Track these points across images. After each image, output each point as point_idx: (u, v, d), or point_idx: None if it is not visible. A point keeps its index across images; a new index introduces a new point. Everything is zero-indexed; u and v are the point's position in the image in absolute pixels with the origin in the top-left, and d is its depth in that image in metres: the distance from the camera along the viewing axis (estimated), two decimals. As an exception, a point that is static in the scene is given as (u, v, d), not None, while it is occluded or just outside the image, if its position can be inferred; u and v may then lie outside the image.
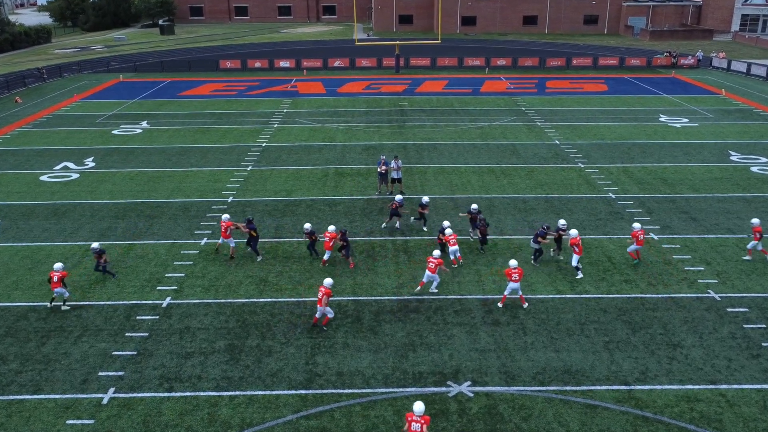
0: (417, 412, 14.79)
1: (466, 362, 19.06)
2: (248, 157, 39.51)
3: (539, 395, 17.58)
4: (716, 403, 17.26)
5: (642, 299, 22.59)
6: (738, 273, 24.37)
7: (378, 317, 21.51)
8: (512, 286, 21.51)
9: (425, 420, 14.72)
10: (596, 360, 19.11)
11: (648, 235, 27.84)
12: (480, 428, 16.29)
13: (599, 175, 35.59)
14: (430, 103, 54.53)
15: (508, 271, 21.52)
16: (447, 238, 25.02)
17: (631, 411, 16.95)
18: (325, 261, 24.90)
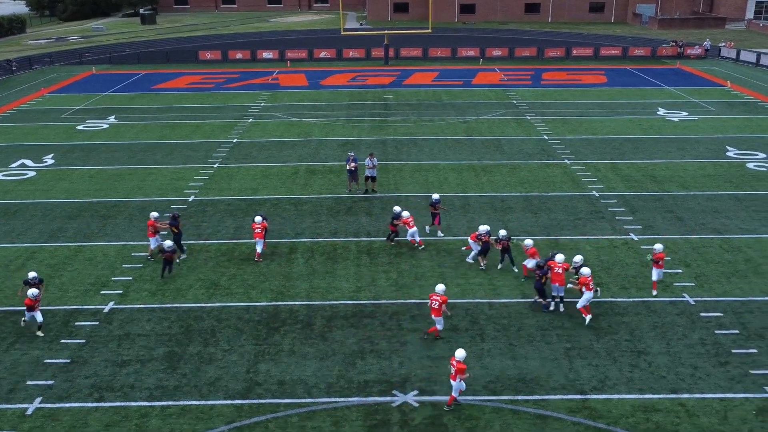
0: (439, 291, 19.87)
1: (416, 370, 19.11)
2: (217, 153, 39.61)
3: (488, 405, 17.62)
4: (675, 413, 17.28)
5: (612, 304, 22.62)
6: (718, 276, 24.38)
7: (330, 323, 21.58)
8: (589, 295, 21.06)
9: (443, 299, 19.59)
10: (554, 368, 19.15)
11: (628, 236, 27.79)
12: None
13: (585, 172, 35.60)
14: (417, 96, 54.58)
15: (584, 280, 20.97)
16: (405, 221, 25.92)
17: (584, 422, 16.98)
18: (259, 254, 25.48)
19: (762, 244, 26.97)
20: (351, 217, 29.89)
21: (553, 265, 21.90)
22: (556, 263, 21.90)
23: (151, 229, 25.37)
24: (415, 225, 26.10)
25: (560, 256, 22.03)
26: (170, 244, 24.02)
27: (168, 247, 23.91)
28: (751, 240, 27.29)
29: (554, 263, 21.92)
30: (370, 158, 32.17)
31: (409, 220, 25.91)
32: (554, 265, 21.88)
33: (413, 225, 25.93)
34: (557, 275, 21.76)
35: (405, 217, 25.97)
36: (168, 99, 55.00)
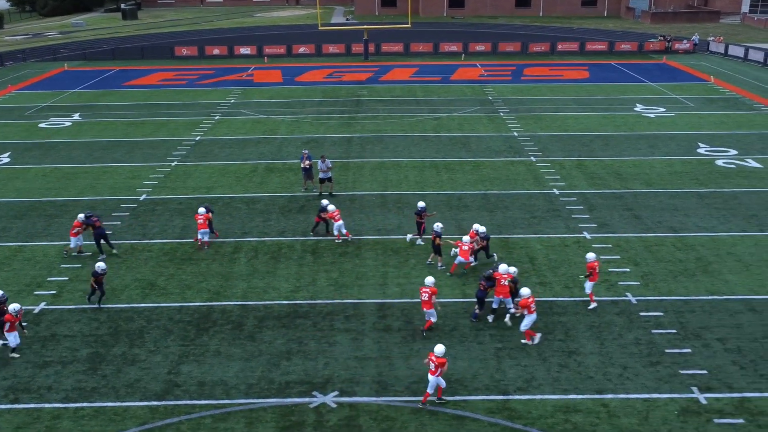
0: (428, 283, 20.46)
1: (340, 371, 19.28)
2: (177, 151, 39.80)
3: (407, 406, 17.78)
4: (595, 413, 17.43)
5: (552, 303, 22.78)
6: (665, 275, 24.55)
7: (262, 323, 21.76)
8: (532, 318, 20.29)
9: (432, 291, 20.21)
10: (481, 368, 19.32)
11: (581, 234, 27.95)
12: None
13: (549, 170, 35.77)
14: (392, 93, 54.77)
15: (525, 302, 20.10)
16: (331, 215, 26.53)
17: (501, 422, 17.14)
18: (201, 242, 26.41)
19: (716, 242, 27.12)
20: (302, 216, 30.07)
21: (498, 276, 21.32)
22: (500, 275, 21.32)
23: (76, 230, 25.61)
24: (341, 219, 26.89)
25: (504, 267, 21.53)
26: (103, 267, 22.52)
27: (101, 269, 22.41)
28: (706, 238, 27.45)
29: (499, 275, 21.34)
30: (322, 161, 32.05)
31: (335, 213, 26.83)
32: (499, 277, 21.31)
33: (339, 219, 26.82)
34: (502, 287, 21.22)
35: (330, 210, 26.72)
36: (137, 96, 55.23)
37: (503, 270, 21.39)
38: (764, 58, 64.62)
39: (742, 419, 17.20)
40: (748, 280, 24.02)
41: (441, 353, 17.36)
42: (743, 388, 18.35)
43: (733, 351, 20.04)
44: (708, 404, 17.79)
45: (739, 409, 17.58)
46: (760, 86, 55.86)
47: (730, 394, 18.15)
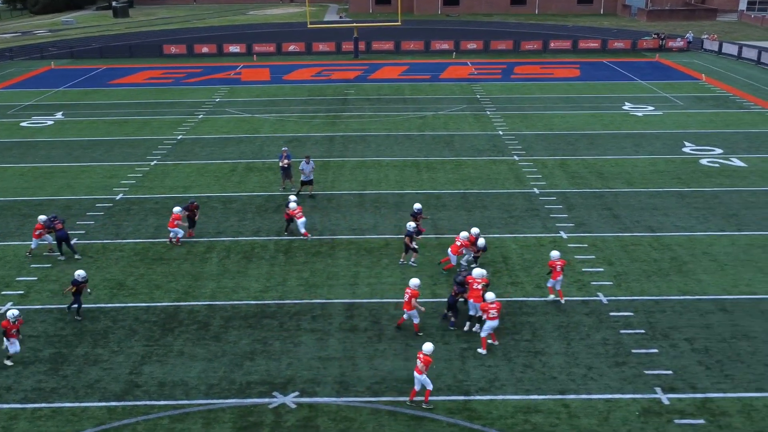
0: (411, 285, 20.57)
1: (302, 371, 19.36)
2: (157, 150, 39.89)
3: (367, 406, 17.86)
4: (556, 414, 17.51)
5: (523, 303, 22.87)
6: (638, 274, 24.64)
7: (228, 323, 21.85)
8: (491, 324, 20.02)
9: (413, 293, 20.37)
10: (445, 369, 19.39)
11: (557, 234, 28.02)
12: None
13: (531, 169, 35.85)
14: (379, 91, 54.86)
15: (484, 306, 19.93)
16: (292, 212, 27.14)
17: (460, 423, 17.22)
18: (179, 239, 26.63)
19: (693, 242, 27.19)
20: (278, 216, 30.14)
21: (471, 280, 20.99)
22: (473, 278, 21.01)
23: (38, 231, 25.71)
24: (303, 216, 27.33)
25: (478, 271, 21.22)
26: (83, 275, 22.02)
27: (81, 278, 21.98)
28: (683, 238, 27.53)
29: (472, 278, 21.01)
30: (306, 163, 31.67)
31: (296, 211, 27.01)
32: (471, 281, 21.01)
33: (301, 216, 27.09)
34: (474, 291, 20.79)
35: (291, 208, 26.87)
36: (123, 95, 55.34)
37: (477, 274, 21.03)
38: (758, 56, 64.63)
39: (702, 419, 17.28)
40: (722, 280, 24.10)
41: (429, 351, 17.47)
42: (707, 389, 18.42)
43: (700, 351, 20.11)
44: (670, 404, 17.86)
45: (701, 409, 17.65)
46: (752, 84, 55.93)
47: (694, 394, 18.23)
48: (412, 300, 20.45)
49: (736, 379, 18.83)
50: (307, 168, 31.65)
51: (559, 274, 22.25)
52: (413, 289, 20.55)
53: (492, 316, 19.73)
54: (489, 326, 19.82)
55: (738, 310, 22.32)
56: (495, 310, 19.62)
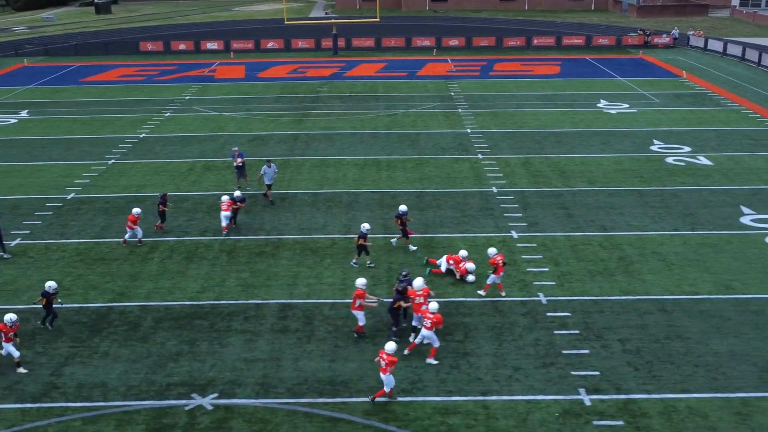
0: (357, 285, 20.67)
1: (225, 373, 19.49)
2: (117, 149, 40.03)
3: (284, 408, 18.00)
4: (474, 415, 17.65)
5: (460, 304, 23.00)
6: (583, 274, 24.79)
7: (158, 324, 21.99)
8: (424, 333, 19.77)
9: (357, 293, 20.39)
10: (370, 369, 19.53)
11: (508, 233, 28.15)
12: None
13: (493, 167, 35.99)
14: (353, 89, 55.01)
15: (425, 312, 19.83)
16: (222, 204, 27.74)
17: (375, 424, 17.35)
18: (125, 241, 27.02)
19: (643, 241, 27.34)
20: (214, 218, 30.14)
21: (413, 294, 20.53)
22: (415, 292, 20.53)
23: None
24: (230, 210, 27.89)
25: (418, 282, 20.79)
26: (54, 286, 21.57)
27: (52, 289, 21.51)
28: (634, 237, 27.68)
29: (413, 292, 20.53)
30: (268, 167, 31.41)
31: (222, 205, 27.69)
32: (414, 295, 20.53)
33: (227, 209, 27.79)
34: (418, 305, 20.42)
35: (222, 200, 27.83)
36: (92, 92, 55.49)
37: (417, 286, 20.61)
38: (742, 53, 64.70)
39: (622, 421, 17.41)
40: (666, 280, 24.24)
41: (392, 351, 17.66)
42: (631, 390, 18.55)
43: (631, 352, 20.25)
44: (592, 406, 17.99)
45: (622, 410, 17.79)
46: (733, 81, 56.07)
47: (617, 395, 18.36)
48: (356, 300, 20.58)
49: (662, 380, 18.96)
50: (270, 171, 31.50)
51: (502, 269, 22.40)
52: (359, 290, 20.46)
53: (428, 327, 19.58)
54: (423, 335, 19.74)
55: (677, 310, 22.44)
56: (430, 321, 19.49)
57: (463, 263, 24.09)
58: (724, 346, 20.51)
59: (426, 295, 20.60)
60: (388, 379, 17.74)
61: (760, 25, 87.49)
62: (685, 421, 17.40)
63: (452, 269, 24.38)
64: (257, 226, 28.95)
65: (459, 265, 24.20)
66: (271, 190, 31.71)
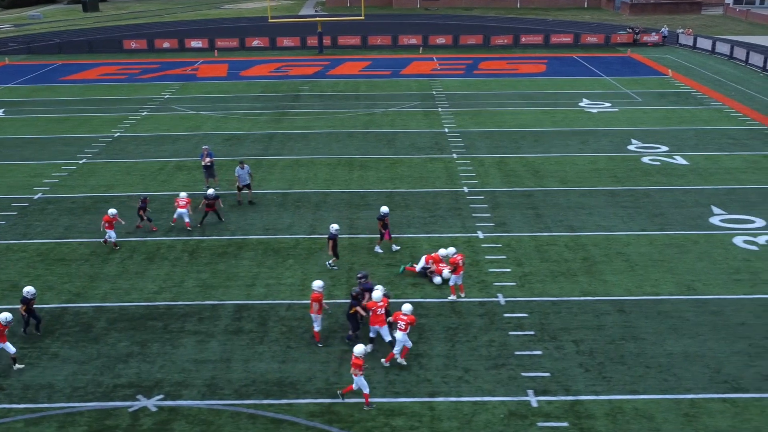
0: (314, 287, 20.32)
1: (174, 374, 19.59)
2: (90, 148, 40.14)
3: (229, 409, 18.09)
4: (418, 417, 17.75)
5: (418, 305, 23.08)
6: (545, 275, 24.90)
7: (112, 325, 22.09)
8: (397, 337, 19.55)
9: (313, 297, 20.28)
10: (320, 371, 19.64)
11: (474, 234, 28.27)
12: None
13: (467, 167, 36.10)
14: (335, 88, 55.13)
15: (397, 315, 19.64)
16: (177, 200, 28.29)
17: (318, 426, 17.46)
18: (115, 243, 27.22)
19: (610, 241, 27.45)
20: (195, 215, 30.30)
21: (373, 306, 20.03)
22: (376, 304, 20.05)
23: None
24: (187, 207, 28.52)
25: (378, 293, 20.29)
26: (32, 291, 21.37)
27: (31, 294, 21.27)
28: (601, 238, 27.78)
29: (374, 304, 20.05)
30: (241, 168, 31.23)
31: (180, 200, 28.31)
32: (374, 307, 20.02)
33: (183, 206, 28.30)
34: (378, 317, 20.02)
35: (181, 196, 28.69)
36: (72, 91, 55.59)
37: (376, 297, 20.10)
38: (730, 51, 64.83)
39: (566, 422, 17.51)
40: (628, 281, 24.35)
41: (360, 353, 17.73)
42: (580, 391, 18.66)
43: (584, 353, 20.36)
44: (538, 407, 18.10)
45: (568, 412, 17.89)
46: (719, 80, 56.19)
47: (565, 396, 18.47)
48: (314, 303, 20.59)
49: (612, 382, 19.07)
50: (243, 173, 31.12)
51: (462, 269, 22.52)
52: (316, 292, 20.59)
53: (401, 327, 19.54)
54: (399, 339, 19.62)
55: (636, 311, 22.55)
56: (404, 323, 19.47)
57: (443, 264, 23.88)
58: (679, 347, 20.59)
59: (385, 306, 20.17)
60: (358, 381, 17.76)
61: (753, 23, 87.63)
62: (631, 422, 17.49)
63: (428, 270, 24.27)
64: (222, 226, 29.02)
65: (439, 265, 24.16)
66: (251, 190, 31.79)
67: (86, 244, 27.85)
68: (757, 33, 79.99)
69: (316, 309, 20.49)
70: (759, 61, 59.82)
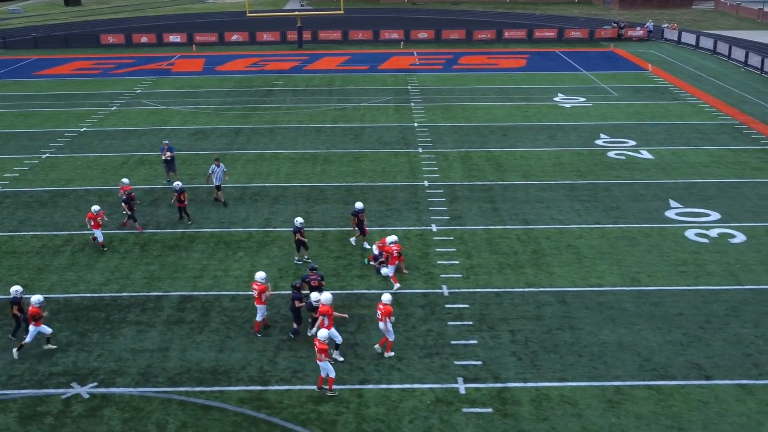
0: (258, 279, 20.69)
1: (110, 363, 20.29)
2: (55, 143, 40.78)
3: (160, 396, 18.79)
4: (346, 404, 18.46)
5: (360, 296, 23.81)
6: (493, 267, 25.61)
7: (54, 316, 22.80)
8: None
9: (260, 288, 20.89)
10: (254, 360, 20.34)
11: (428, 227, 28.96)
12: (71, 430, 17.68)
13: (431, 161, 36.80)
14: (309, 83, 55.82)
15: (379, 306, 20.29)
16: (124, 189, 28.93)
17: (246, 412, 18.17)
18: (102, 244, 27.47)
19: (562, 234, 28.18)
20: (151, 209, 31.05)
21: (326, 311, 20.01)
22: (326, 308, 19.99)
23: None
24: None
25: (326, 296, 20.46)
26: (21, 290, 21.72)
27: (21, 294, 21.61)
28: (553, 231, 28.50)
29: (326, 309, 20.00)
30: (217, 165, 31.22)
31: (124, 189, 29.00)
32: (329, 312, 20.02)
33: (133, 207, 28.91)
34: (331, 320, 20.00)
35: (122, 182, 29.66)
36: (43, 86, 56.22)
37: (325, 299, 20.27)
38: (713, 46, 65.57)
39: (491, 408, 18.19)
40: (573, 273, 25.07)
41: (323, 338, 18.41)
42: (509, 379, 19.39)
43: (519, 342, 21.07)
44: (466, 394, 18.82)
45: (494, 398, 18.62)
46: (699, 75, 56.96)
47: (494, 384, 19.20)
48: (261, 294, 21.42)
49: (543, 369, 19.79)
50: (218, 170, 31.05)
51: (396, 259, 23.23)
52: (260, 284, 21.37)
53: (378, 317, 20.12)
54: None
55: (577, 302, 23.27)
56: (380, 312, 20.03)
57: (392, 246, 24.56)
58: (614, 336, 21.31)
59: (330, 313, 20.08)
60: (324, 366, 18.47)
61: (742, 17, 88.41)
62: (555, 408, 18.21)
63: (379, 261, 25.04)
64: (176, 218, 29.67)
65: (385, 247, 24.87)
66: (221, 192, 31.57)
67: (39, 237, 28.53)
68: (745, 27, 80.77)
69: (264, 300, 21.42)
70: (741, 56, 60.51)
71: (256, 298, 21.52)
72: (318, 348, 18.41)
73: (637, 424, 17.56)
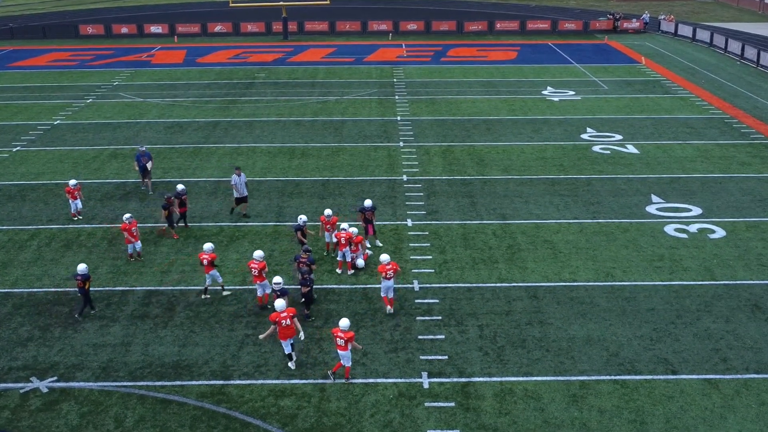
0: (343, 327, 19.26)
1: (71, 357, 20.80)
2: (26, 136, 41.25)
3: (119, 391, 19.32)
4: (308, 398, 19.00)
5: (330, 290, 24.31)
6: (466, 262, 26.16)
7: (17, 310, 23.40)
8: (387, 284, 22.63)
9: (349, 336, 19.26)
10: (217, 354, 20.87)
11: (403, 222, 29.50)
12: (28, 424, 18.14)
13: (411, 156, 37.33)
14: (292, 75, 56.30)
15: (382, 268, 22.50)
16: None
17: (206, 406, 18.70)
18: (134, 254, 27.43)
19: (539, 229, 28.73)
20: (121, 203, 31.56)
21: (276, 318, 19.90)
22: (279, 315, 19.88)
23: None
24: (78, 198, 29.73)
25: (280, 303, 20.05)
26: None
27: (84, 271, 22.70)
28: (530, 226, 29.07)
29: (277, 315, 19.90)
30: (238, 175, 29.87)
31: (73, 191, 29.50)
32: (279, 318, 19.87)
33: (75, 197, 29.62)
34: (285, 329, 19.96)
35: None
36: (16, 78, 56.64)
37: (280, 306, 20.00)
38: (710, 39, 66.18)
39: (453, 402, 18.74)
40: (547, 268, 25.63)
41: (346, 327, 19.06)
42: (474, 373, 19.94)
43: (486, 338, 21.62)
44: (429, 389, 19.36)
45: (458, 393, 19.16)
46: (692, 68, 57.57)
47: (458, 378, 19.75)
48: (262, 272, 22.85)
49: (508, 364, 20.34)
50: (240, 181, 29.80)
51: (345, 246, 24.20)
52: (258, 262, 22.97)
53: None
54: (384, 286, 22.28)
55: (548, 297, 23.83)
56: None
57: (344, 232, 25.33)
58: (583, 331, 21.87)
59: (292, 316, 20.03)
60: (346, 354, 19.32)
61: (742, 9, 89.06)
62: (517, 402, 18.77)
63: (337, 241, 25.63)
64: (147, 213, 30.18)
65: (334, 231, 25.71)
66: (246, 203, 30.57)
67: (4, 232, 28.96)
68: (744, 19, 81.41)
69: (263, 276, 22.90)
70: (737, 48, 61.13)
71: (256, 276, 22.67)
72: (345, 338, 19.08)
73: (599, 418, 18.10)
